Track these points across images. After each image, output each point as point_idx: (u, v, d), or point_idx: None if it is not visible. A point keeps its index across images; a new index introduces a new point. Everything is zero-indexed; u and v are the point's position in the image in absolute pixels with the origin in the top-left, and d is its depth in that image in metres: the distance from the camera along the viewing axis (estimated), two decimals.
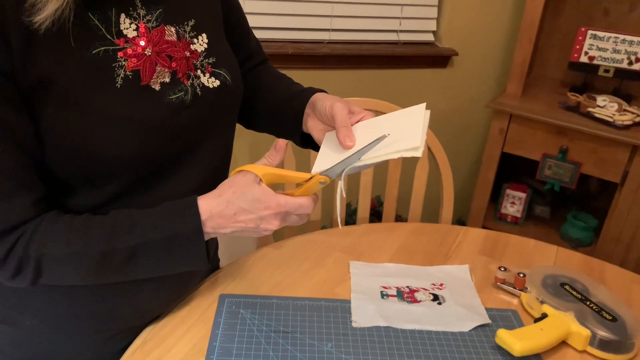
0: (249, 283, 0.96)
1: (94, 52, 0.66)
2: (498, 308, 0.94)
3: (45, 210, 0.68)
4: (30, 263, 0.66)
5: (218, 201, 0.70)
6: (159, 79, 0.71)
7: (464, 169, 2.31)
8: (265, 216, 0.69)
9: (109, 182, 0.71)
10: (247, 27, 0.96)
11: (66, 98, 0.64)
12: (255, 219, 0.70)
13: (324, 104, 0.81)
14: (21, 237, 0.66)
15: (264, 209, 0.69)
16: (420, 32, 2.01)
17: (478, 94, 2.16)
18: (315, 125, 0.85)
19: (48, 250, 0.66)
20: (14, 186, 0.64)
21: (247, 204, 0.69)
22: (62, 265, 0.68)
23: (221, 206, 0.70)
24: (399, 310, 0.91)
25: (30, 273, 0.67)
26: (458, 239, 1.14)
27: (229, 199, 0.70)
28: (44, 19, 0.60)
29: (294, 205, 0.70)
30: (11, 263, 0.66)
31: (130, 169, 0.71)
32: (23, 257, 0.66)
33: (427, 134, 1.30)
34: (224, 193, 0.71)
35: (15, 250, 0.65)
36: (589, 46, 1.83)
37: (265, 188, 0.70)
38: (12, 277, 0.67)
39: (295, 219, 0.72)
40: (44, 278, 0.69)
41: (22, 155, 0.64)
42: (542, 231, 2.08)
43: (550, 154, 1.83)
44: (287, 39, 1.81)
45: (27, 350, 0.82)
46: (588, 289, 0.95)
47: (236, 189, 0.70)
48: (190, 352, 0.80)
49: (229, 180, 0.73)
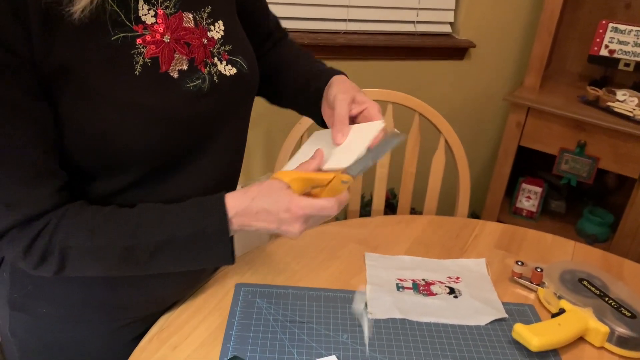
0: (265, 273, 0.96)
1: (113, 39, 0.65)
2: (515, 302, 0.94)
3: (68, 198, 0.68)
4: (55, 254, 0.66)
5: (244, 199, 0.70)
6: (177, 67, 0.71)
7: (479, 162, 2.29)
8: (286, 219, 0.69)
9: (126, 170, 0.71)
10: (265, 4, 0.96)
11: (85, 85, 0.64)
12: (275, 220, 0.69)
13: (331, 92, 0.82)
14: (46, 226, 0.66)
15: (284, 211, 0.68)
16: (437, 23, 1.99)
17: (495, 86, 2.14)
18: (325, 111, 0.85)
19: (72, 243, 0.66)
20: (36, 173, 0.64)
21: (269, 205, 0.68)
22: (85, 258, 0.68)
23: (246, 203, 0.69)
24: (415, 302, 0.90)
25: (55, 264, 0.67)
26: (474, 232, 1.14)
27: (254, 197, 0.69)
28: (81, 8, 0.60)
29: (316, 207, 0.68)
30: (35, 252, 0.66)
31: (147, 158, 0.71)
32: (47, 247, 0.66)
33: (445, 128, 1.30)
34: (249, 191, 0.70)
35: (40, 239, 0.66)
36: (609, 39, 1.80)
37: (289, 193, 0.69)
38: (35, 266, 0.67)
39: (319, 220, 0.71)
40: (67, 270, 0.69)
41: (44, 142, 0.64)
42: (557, 226, 2.06)
43: (568, 149, 1.81)
44: (303, 29, 1.80)
45: (41, 338, 0.83)
46: (607, 285, 0.94)
47: (262, 188, 0.70)
48: (207, 340, 0.81)
49: (258, 183, 0.72)
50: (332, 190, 0.71)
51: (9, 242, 0.66)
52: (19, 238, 0.65)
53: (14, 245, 0.66)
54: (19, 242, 0.65)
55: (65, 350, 0.84)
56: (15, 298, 0.80)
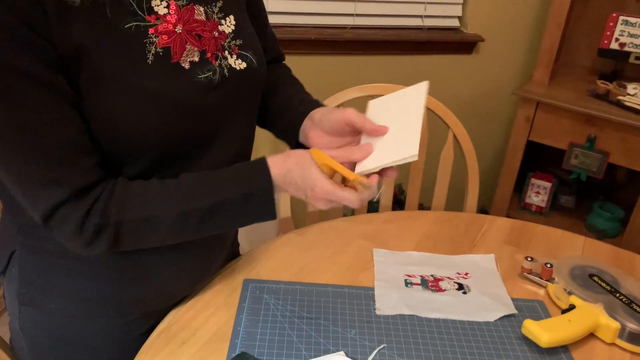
0: (273, 268, 0.96)
1: (126, 27, 0.66)
2: (524, 298, 0.93)
3: (107, 176, 0.69)
4: (109, 229, 0.67)
5: (282, 166, 0.74)
6: (189, 58, 0.71)
7: (488, 157, 2.27)
8: (311, 196, 0.74)
9: (134, 159, 0.71)
10: (266, 20, 0.96)
11: (97, 72, 0.64)
12: (302, 194, 0.75)
13: (332, 116, 0.81)
14: (96, 201, 0.67)
15: (311, 189, 0.73)
16: (445, 17, 1.97)
17: (504, 80, 2.12)
18: (318, 140, 0.84)
19: (127, 216, 0.68)
20: (76, 149, 0.65)
21: (300, 180, 0.73)
22: (140, 229, 0.70)
23: (283, 171, 0.74)
24: (423, 298, 0.90)
25: (109, 239, 0.68)
26: (483, 228, 1.13)
27: (290, 169, 0.74)
28: None
29: (337, 196, 0.72)
30: (89, 229, 0.67)
31: (155, 147, 0.71)
32: (101, 223, 0.67)
33: (453, 123, 1.29)
34: (288, 160, 0.74)
35: (92, 215, 0.66)
36: (620, 32, 1.78)
37: (318, 173, 0.72)
38: (88, 244, 0.68)
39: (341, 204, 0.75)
40: (122, 243, 0.70)
41: (75, 117, 0.65)
42: (567, 221, 2.04)
43: (578, 143, 1.79)
44: (310, 24, 1.79)
45: (50, 333, 0.83)
46: (617, 281, 0.93)
47: (298, 161, 0.73)
48: (215, 336, 0.81)
49: (297, 152, 0.75)
50: (353, 187, 0.74)
51: (61, 221, 0.66)
52: (71, 215, 0.66)
53: (67, 222, 0.66)
54: (71, 219, 0.66)
55: (73, 345, 0.84)
56: (24, 293, 0.81)
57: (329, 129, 0.82)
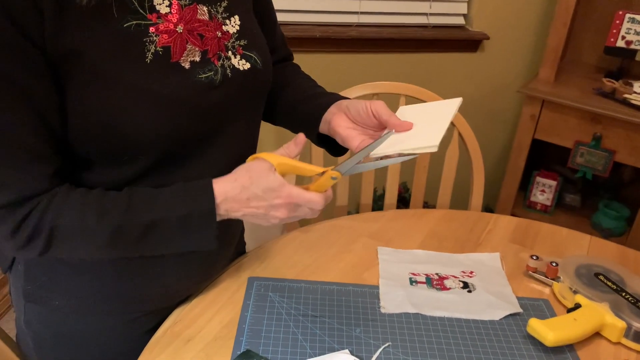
0: (277, 266, 0.96)
1: (126, 26, 0.66)
2: (529, 297, 0.93)
3: (59, 184, 0.69)
4: (42, 234, 0.67)
5: (233, 185, 0.71)
6: (189, 57, 0.71)
7: (493, 155, 2.27)
8: (276, 205, 0.71)
9: (133, 159, 0.71)
10: (275, 20, 0.95)
11: (95, 71, 0.64)
12: (266, 206, 0.71)
13: (359, 105, 0.82)
14: (35, 208, 0.66)
15: (275, 197, 0.70)
16: (450, 15, 1.96)
17: (509, 79, 2.11)
18: (341, 123, 0.84)
19: (62, 222, 0.67)
20: (30, 157, 0.64)
21: (261, 192, 0.70)
22: (74, 237, 0.68)
23: (236, 190, 0.71)
24: (428, 297, 0.90)
25: (41, 244, 0.67)
26: (488, 226, 1.13)
27: (244, 185, 0.70)
28: None
29: (304, 199, 0.70)
30: (23, 234, 0.66)
31: (155, 147, 0.71)
32: (36, 228, 0.66)
33: (458, 121, 1.29)
34: (239, 178, 0.71)
35: (29, 221, 0.66)
36: (626, 30, 1.77)
37: (278, 178, 0.70)
38: (21, 247, 0.68)
39: (306, 212, 0.73)
40: (53, 249, 0.69)
41: (40, 126, 0.64)
42: (572, 220, 2.04)
43: (583, 141, 1.78)
44: (315, 22, 1.79)
45: (55, 329, 0.83)
46: (623, 280, 0.92)
47: (252, 174, 0.71)
48: (220, 334, 0.81)
49: (245, 165, 0.73)
50: (320, 185, 0.72)
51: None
52: (8, 218, 0.65)
53: (3, 225, 0.66)
54: (7, 222, 0.65)
55: (78, 341, 0.84)
56: (29, 290, 0.81)
57: (355, 115, 0.82)
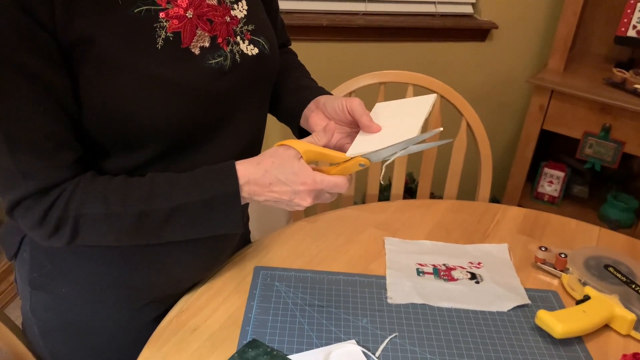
0: (284, 256, 0.95)
1: (136, 11, 0.65)
2: (537, 289, 0.92)
3: (82, 172, 0.69)
4: (69, 222, 0.67)
5: (257, 169, 0.70)
6: (199, 43, 0.70)
7: (500, 145, 2.25)
8: (300, 191, 0.70)
9: (144, 146, 0.71)
10: (277, 7, 0.95)
11: (106, 57, 0.64)
12: (289, 192, 0.70)
13: (335, 102, 0.81)
14: (60, 196, 0.66)
15: (300, 184, 0.69)
16: (458, 3, 1.94)
17: (518, 68, 2.09)
18: (318, 121, 0.83)
19: (87, 210, 0.67)
20: (54, 145, 0.64)
21: (284, 177, 0.69)
22: (99, 224, 0.68)
23: (259, 174, 0.70)
24: (436, 288, 0.89)
25: (68, 232, 0.68)
26: (496, 217, 1.12)
27: (267, 169, 0.70)
28: None
29: (329, 183, 0.70)
30: (50, 222, 0.66)
31: (165, 134, 0.70)
32: (62, 216, 0.66)
33: (466, 111, 1.28)
34: (263, 161, 0.71)
35: (54, 209, 0.66)
36: (637, 19, 1.74)
37: (303, 164, 0.70)
38: (49, 236, 0.68)
39: (327, 197, 0.72)
40: (80, 237, 0.69)
41: (62, 113, 0.64)
42: (580, 211, 2.02)
43: (592, 132, 1.76)
44: (322, 10, 1.77)
45: (61, 317, 0.84)
46: (633, 272, 0.91)
47: (275, 159, 0.70)
48: (226, 323, 0.80)
49: (270, 150, 0.72)
50: (345, 169, 0.71)
51: (24, 212, 0.66)
52: (35, 207, 0.65)
53: (30, 214, 0.66)
54: (34, 211, 0.66)
55: (84, 329, 0.84)
56: (35, 277, 0.81)
57: (331, 113, 0.81)
